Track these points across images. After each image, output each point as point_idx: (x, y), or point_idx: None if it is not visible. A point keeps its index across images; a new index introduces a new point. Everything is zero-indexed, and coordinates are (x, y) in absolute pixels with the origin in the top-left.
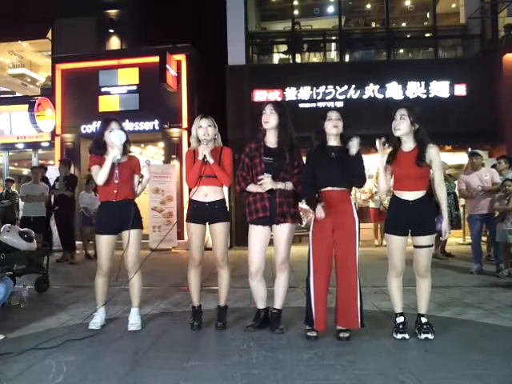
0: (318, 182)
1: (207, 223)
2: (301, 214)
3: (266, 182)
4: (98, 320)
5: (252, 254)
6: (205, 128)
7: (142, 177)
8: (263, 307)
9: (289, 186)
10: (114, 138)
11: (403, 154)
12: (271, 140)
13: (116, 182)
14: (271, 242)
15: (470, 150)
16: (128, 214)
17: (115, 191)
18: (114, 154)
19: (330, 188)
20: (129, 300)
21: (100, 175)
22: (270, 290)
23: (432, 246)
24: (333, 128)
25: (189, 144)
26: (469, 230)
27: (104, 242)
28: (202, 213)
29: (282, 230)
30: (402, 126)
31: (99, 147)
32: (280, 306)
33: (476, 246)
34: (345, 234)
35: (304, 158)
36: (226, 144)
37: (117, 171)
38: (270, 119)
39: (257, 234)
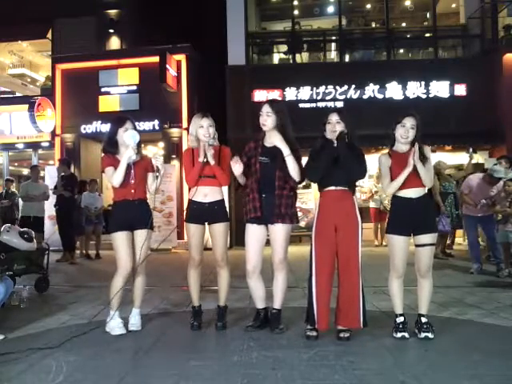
0: (321, 182)
1: (206, 223)
2: (301, 214)
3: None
4: (119, 325)
5: (248, 252)
6: (206, 128)
7: (158, 171)
8: (262, 307)
9: (289, 159)
10: (128, 138)
11: (401, 154)
12: (270, 140)
13: (132, 181)
14: (269, 243)
15: (470, 149)
16: (142, 213)
17: (133, 191)
18: (128, 154)
19: (332, 188)
20: (129, 300)
21: (116, 176)
22: (270, 290)
23: (434, 244)
24: (331, 132)
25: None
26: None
27: (122, 238)
28: (202, 213)
29: (278, 230)
30: (411, 134)
31: (114, 146)
32: (279, 306)
33: (473, 247)
34: (347, 234)
35: (305, 158)
36: (226, 144)
37: (132, 171)
38: (267, 121)
39: (252, 232)
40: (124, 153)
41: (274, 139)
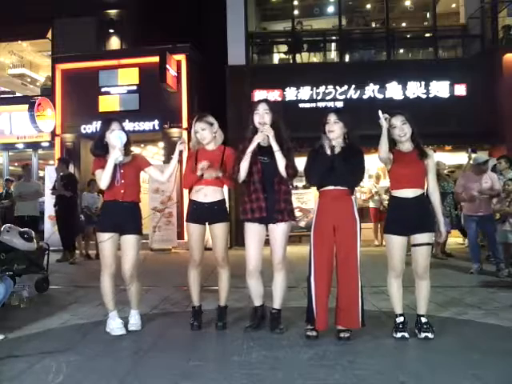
0: (320, 181)
1: (207, 223)
2: (300, 213)
3: (267, 130)
4: (119, 325)
5: (249, 251)
6: (200, 133)
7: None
8: (259, 304)
9: (279, 154)
10: (114, 138)
11: (403, 154)
12: (264, 139)
13: (122, 181)
14: (268, 242)
15: (469, 149)
16: (131, 216)
17: (122, 191)
18: (115, 155)
19: (331, 187)
20: (128, 300)
21: (103, 179)
22: (270, 289)
23: (431, 244)
24: (328, 132)
25: (189, 144)
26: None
27: (107, 239)
28: (202, 213)
29: (278, 230)
30: (407, 130)
31: (101, 148)
32: (279, 306)
33: (473, 247)
34: (346, 234)
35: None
36: (226, 144)
37: (122, 171)
38: (265, 119)
39: (253, 232)
40: None
41: (268, 134)
